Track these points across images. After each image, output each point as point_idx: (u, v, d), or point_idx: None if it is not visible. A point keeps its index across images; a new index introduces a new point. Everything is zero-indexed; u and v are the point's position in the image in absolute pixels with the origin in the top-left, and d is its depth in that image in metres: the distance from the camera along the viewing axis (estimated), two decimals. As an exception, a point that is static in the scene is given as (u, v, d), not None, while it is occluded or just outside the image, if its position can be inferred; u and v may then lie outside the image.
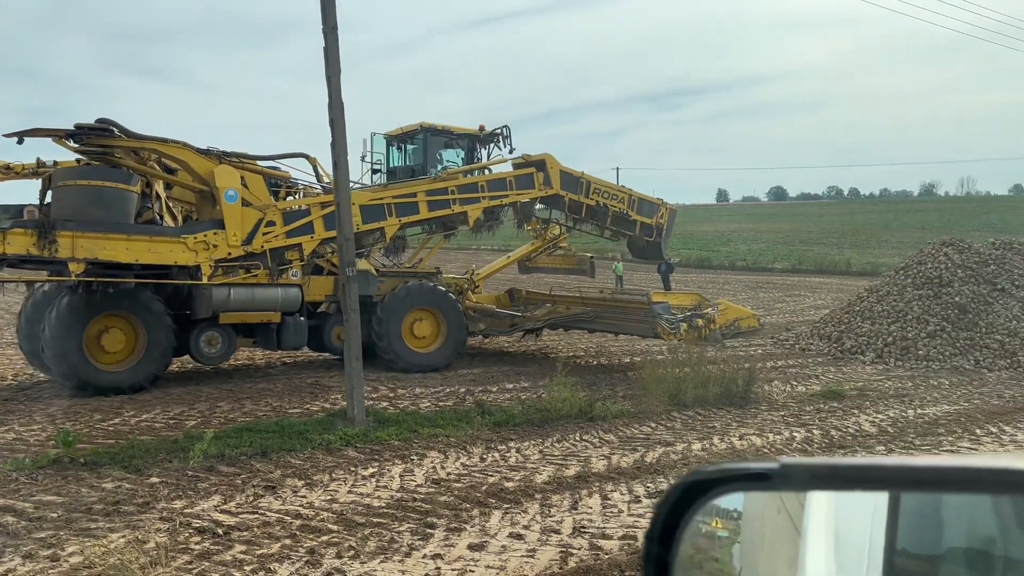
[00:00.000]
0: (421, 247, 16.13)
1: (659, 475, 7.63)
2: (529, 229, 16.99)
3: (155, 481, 7.17)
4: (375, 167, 17.01)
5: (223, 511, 6.42)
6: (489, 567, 5.37)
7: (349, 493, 6.95)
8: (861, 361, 14.97)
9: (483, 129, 16.47)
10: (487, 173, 15.18)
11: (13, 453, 8.09)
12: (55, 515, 6.25)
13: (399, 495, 6.90)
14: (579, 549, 5.71)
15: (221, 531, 5.93)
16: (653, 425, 9.83)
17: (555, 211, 15.87)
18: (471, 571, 5.30)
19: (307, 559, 5.44)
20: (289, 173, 13.43)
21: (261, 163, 12.84)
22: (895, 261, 28.52)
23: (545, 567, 5.39)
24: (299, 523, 6.14)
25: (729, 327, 15.13)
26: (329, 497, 6.82)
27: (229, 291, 11.84)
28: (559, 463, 8.05)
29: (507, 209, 15.12)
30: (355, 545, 5.70)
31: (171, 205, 12.66)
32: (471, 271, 16.50)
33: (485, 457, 8.24)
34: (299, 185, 13.63)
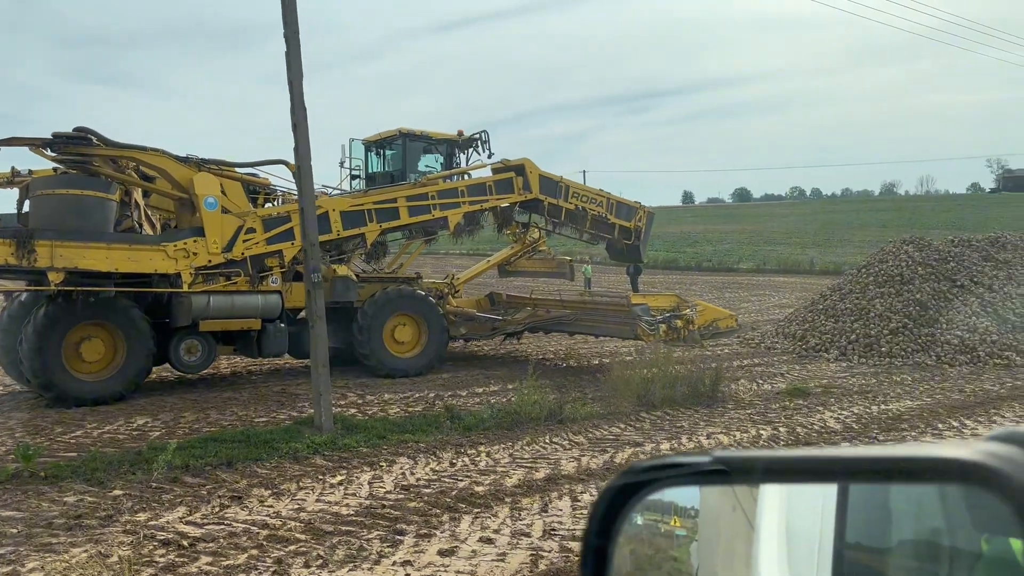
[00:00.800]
0: (401, 252, 16.10)
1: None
2: (508, 233, 17.03)
3: (118, 494, 7.04)
4: (354, 173, 17.04)
5: (188, 522, 6.33)
6: (459, 572, 5.35)
7: (317, 502, 6.89)
8: (825, 359, 15.17)
9: (462, 134, 16.54)
10: (467, 178, 15.20)
11: (-30, 469, 7.90)
12: (15, 531, 6.11)
13: (368, 502, 6.85)
14: (549, 552, 5.71)
15: (186, 543, 5.84)
16: (622, 426, 9.87)
17: (534, 215, 15.92)
18: (441, 577, 5.28)
19: (274, 569, 5.37)
20: (268, 180, 13.38)
21: (240, 170, 12.78)
22: (857, 260, 28.98)
23: (515, 571, 5.39)
24: (266, 533, 6.07)
25: (707, 328, 15.31)
26: (296, 506, 6.75)
27: (208, 298, 11.75)
28: (529, 466, 8.05)
29: (487, 214, 15.15)
30: (323, 554, 5.64)
31: (149, 213, 12.59)
32: (451, 276, 16.52)
33: (455, 462, 8.22)
34: (278, 192, 13.55)
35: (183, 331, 11.90)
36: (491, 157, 15.86)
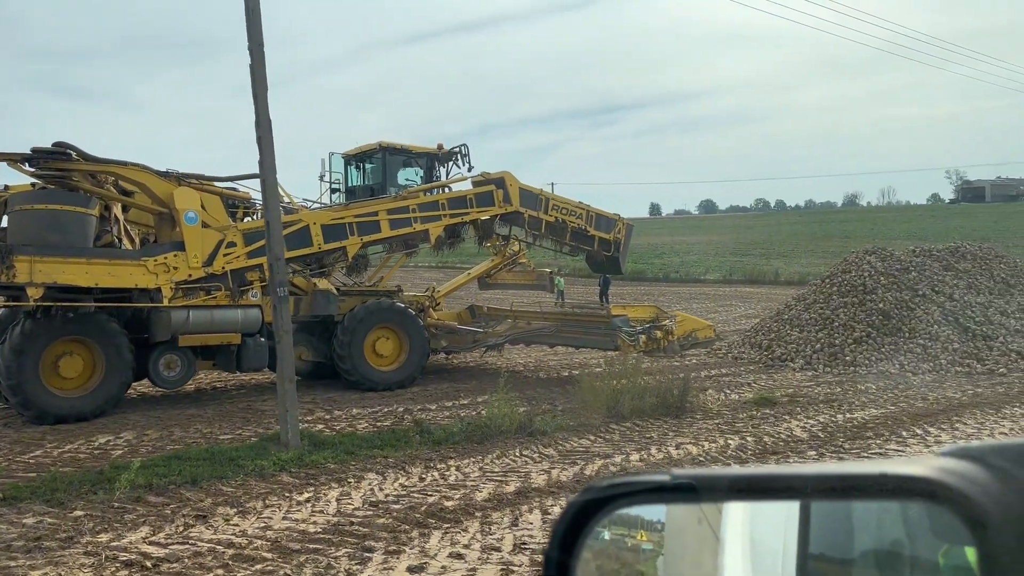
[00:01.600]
0: (381, 265, 16.10)
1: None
2: (488, 246, 17.08)
3: (79, 514, 6.89)
4: (334, 186, 17.07)
5: (152, 543, 6.20)
6: (428, 588, 5.30)
7: (284, 519, 6.79)
8: (791, 368, 15.34)
9: (441, 148, 16.63)
10: (448, 191, 15.24)
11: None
12: (-30, 555, 5.95)
13: (336, 519, 6.77)
14: (520, 566, 5.69)
15: (150, 564, 5.72)
16: (592, 438, 9.88)
17: (515, 227, 15.97)
18: (410, 593, 5.22)
19: (240, 589, 5.28)
20: (249, 194, 13.32)
21: (220, 184, 12.73)
22: (821, 270, 29.37)
23: (485, 586, 5.35)
24: (232, 552, 5.97)
25: (686, 338, 15.48)
26: (263, 524, 6.65)
27: (188, 313, 11.68)
28: (499, 479, 8.02)
29: (468, 226, 15.19)
30: (290, 573, 5.56)
31: (129, 228, 12.51)
32: (432, 288, 16.52)
33: (424, 477, 8.16)
34: (257, 205, 13.47)
35: (162, 346, 11.82)
36: (471, 170, 15.97)
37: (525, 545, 6.11)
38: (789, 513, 1.02)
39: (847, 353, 15.23)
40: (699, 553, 1.16)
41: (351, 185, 17.16)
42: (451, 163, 16.50)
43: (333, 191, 17.02)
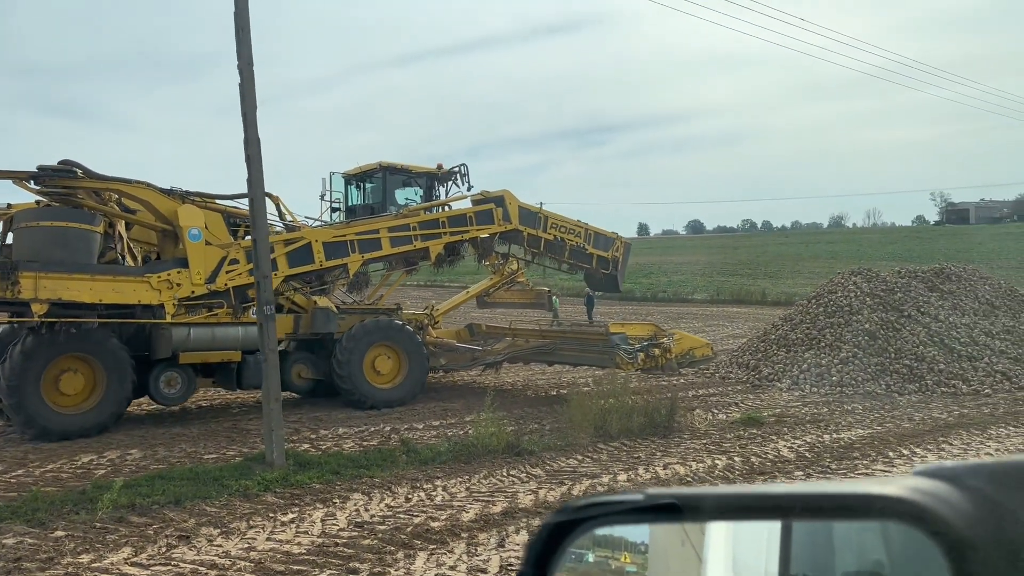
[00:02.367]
0: (381, 283, 16.10)
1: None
2: (487, 264, 17.15)
3: (60, 535, 6.80)
4: (334, 205, 17.22)
5: (133, 564, 6.13)
6: (414, 610, 5.25)
7: (267, 540, 6.72)
8: (778, 388, 15.36)
9: (441, 168, 16.79)
10: (448, 209, 15.32)
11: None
12: (-53, 577, 5.86)
13: (320, 540, 6.71)
14: (505, 587, 5.64)
15: (130, 586, 5.65)
16: (580, 458, 9.84)
17: (514, 246, 16.05)
18: (395, 615, 5.17)
19: (223, 611, 5.22)
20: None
21: (222, 202, 12.81)
22: (807, 290, 29.51)
23: (471, 607, 5.30)
24: (215, 573, 5.91)
25: (684, 356, 15.54)
26: (246, 545, 6.58)
27: (189, 330, 11.76)
28: (486, 500, 7.97)
29: (467, 244, 15.24)
30: (274, 594, 5.50)
31: (131, 245, 12.59)
32: (430, 306, 16.54)
33: (411, 497, 8.11)
34: None
35: (163, 363, 11.86)
36: (470, 189, 16.14)
37: (511, 567, 6.06)
38: (771, 535, 1.02)
39: (833, 373, 15.26)
40: (682, 574, 1.16)
41: (351, 204, 17.32)
42: (450, 183, 16.67)
43: (333, 210, 17.19)
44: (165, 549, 6.48)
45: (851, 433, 11.30)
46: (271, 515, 7.44)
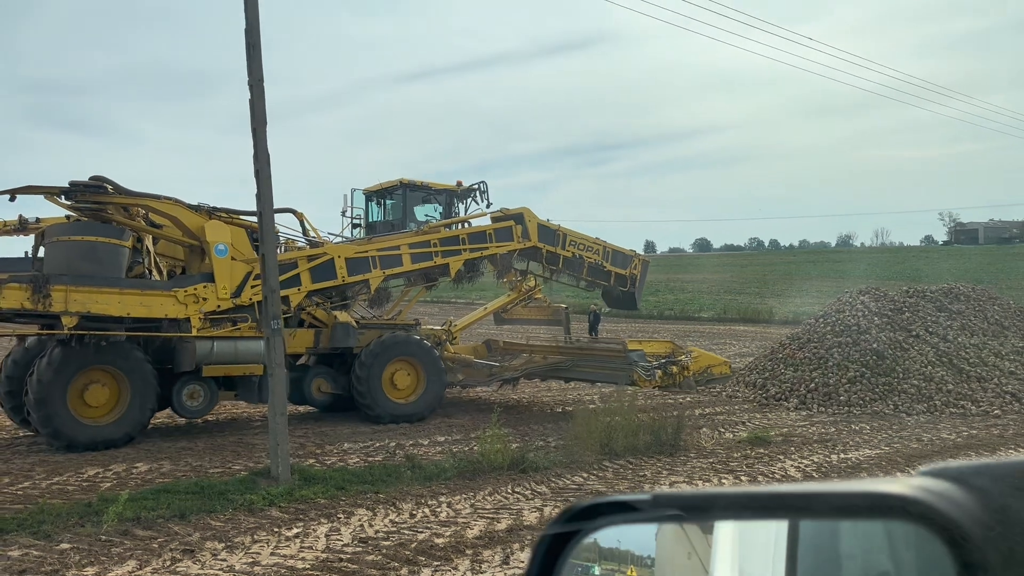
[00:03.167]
0: (400, 299, 16.20)
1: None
2: (505, 281, 17.24)
3: (66, 547, 6.81)
4: (355, 222, 17.38)
5: (137, 578, 6.12)
6: (418, 627, 5.23)
7: (272, 555, 6.71)
8: (785, 407, 15.29)
9: (460, 185, 16.93)
10: (468, 226, 15.43)
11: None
12: (-48, 588, 5.86)
13: (324, 556, 6.69)
14: (510, 605, 5.61)
15: (134, 599, 5.64)
16: (585, 475, 9.81)
17: (532, 262, 16.11)
18: (399, 632, 5.15)
19: (226, 626, 5.20)
20: (277, 228, 13.48)
21: (247, 218, 12.88)
22: (815, 309, 29.42)
23: (475, 625, 5.27)
24: (219, 588, 5.89)
25: (702, 374, 15.53)
26: (251, 560, 6.57)
27: (212, 344, 11.93)
28: (491, 517, 7.94)
29: (485, 261, 15.31)
30: (278, 609, 5.48)
31: (158, 259, 12.83)
32: (449, 322, 16.59)
33: (415, 513, 8.08)
34: (282, 239, 13.63)
35: (186, 376, 12.01)
36: (490, 207, 16.23)
37: (516, 583, 6.04)
38: (777, 546, 1.02)
39: (841, 393, 15.19)
40: (688, 587, 1.16)
41: (372, 220, 17.49)
42: (470, 199, 16.80)
43: (355, 226, 17.34)
44: (170, 563, 6.47)
45: (859, 453, 11.24)
46: (276, 530, 7.43)
